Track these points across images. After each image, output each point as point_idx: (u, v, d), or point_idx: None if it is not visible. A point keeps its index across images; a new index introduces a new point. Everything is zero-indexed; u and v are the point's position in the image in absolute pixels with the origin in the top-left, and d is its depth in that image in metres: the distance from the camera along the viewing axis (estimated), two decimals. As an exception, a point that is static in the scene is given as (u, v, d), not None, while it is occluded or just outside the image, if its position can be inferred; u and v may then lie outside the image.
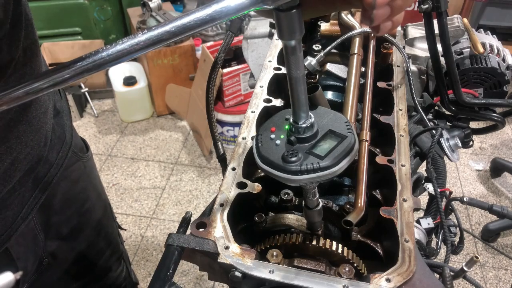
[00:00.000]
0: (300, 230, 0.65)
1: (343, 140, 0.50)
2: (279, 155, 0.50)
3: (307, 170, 0.48)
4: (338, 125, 0.52)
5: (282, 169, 0.49)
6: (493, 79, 1.15)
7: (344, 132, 0.51)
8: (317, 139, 0.51)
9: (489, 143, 2.87)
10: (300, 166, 0.48)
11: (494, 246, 2.23)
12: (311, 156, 0.49)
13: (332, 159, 0.49)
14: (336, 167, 0.49)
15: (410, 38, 1.20)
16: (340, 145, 0.50)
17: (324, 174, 0.48)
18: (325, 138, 0.51)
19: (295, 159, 0.49)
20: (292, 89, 0.48)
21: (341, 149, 0.49)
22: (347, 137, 0.51)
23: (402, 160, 0.72)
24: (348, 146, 0.50)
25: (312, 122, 0.51)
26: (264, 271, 0.57)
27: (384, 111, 0.85)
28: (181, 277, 2.04)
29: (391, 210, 0.64)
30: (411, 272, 0.56)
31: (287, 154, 0.49)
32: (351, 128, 0.52)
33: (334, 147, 0.50)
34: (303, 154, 0.49)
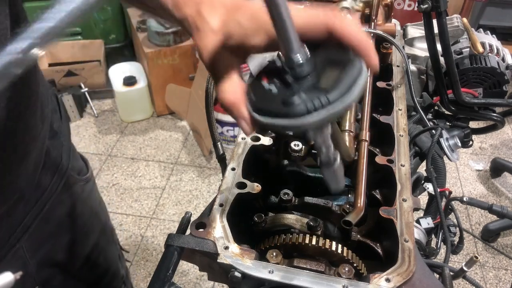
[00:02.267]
0: (300, 230, 0.65)
1: (347, 65, 0.43)
2: (279, 101, 0.43)
3: (315, 107, 0.41)
4: (337, 52, 0.45)
5: (284, 114, 0.42)
6: (492, 78, 1.15)
7: (346, 57, 0.44)
8: (317, 72, 0.44)
9: (489, 143, 2.87)
10: (305, 105, 0.41)
11: (494, 246, 2.23)
12: (316, 92, 0.42)
13: (340, 89, 0.41)
14: (348, 97, 0.41)
15: (409, 37, 1.20)
16: (346, 72, 0.42)
17: (336, 109, 0.41)
18: (326, 69, 0.44)
19: (298, 99, 0.42)
20: (273, 15, 0.40)
21: (349, 76, 0.42)
22: (352, 60, 0.43)
23: (401, 160, 0.72)
24: (356, 71, 0.43)
25: (307, 53, 0.43)
26: (263, 271, 0.57)
27: (383, 111, 0.85)
28: (181, 277, 2.04)
29: (391, 210, 0.64)
30: (410, 272, 0.56)
31: (287, 96, 0.42)
32: (352, 54, 0.44)
33: (340, 76, 0.42)
34: (305, 92, 0.42)
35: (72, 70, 2.90)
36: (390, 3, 1.03)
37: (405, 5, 2.76)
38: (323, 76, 0.43)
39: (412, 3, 2.72)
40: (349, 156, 0.70)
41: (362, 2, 0.97)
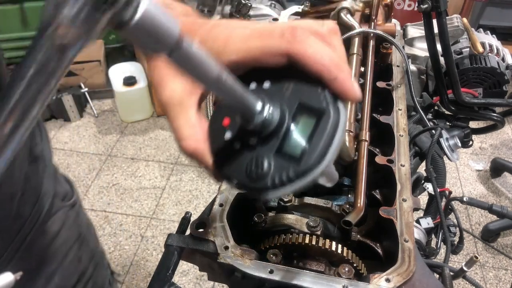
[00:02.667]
0: (299, 230, 0.65)
1: (320, 118, 0.36)
2: (242, 168, 0.38)
3: (282, 182, 0.36)
4: (307, 95, 0.38)
5: (250, 187, 0.38)
6: (492, 78, 1.15)
7: (318, 104, 0.37)
8: (284, 128, 0.37)
9: (489, 143, 2.87)
10: (272, 180, 0.36)
11: (494, 246, 2.22)
12: (283, 159, 0.37)
13: (312, 155, 0.36)
14: (320, 166, 0.36)
15: (409, 37, 1.20)
16: (319, 128, 0.36)
17: (305, 181, 0.36)
18: (296, 122, 0.37)
19: (263, 171, 0.37)
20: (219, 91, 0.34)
21: (322, 134, 0.36)
22: (325, 111, 0.36)
23: (401, 160, 0.72)
24: (330, 126, 0.36)
25: (270, 110, 0.37)
26: (263, 271, 0.57)
27: (383, 111, 0.85)
28: (181, 277, 2.04)
29: (391, 210, 0.64)
30: (410, 272, 0.56)
31: (251, 168, 0.38)
32: (326, 96, 0.37)
33: (311, 133, 0.36)
34: (271, 159, 0.37)
35: (72, 70, 2.90)
36: (390, 3, 1.03)
37: (405, 5, 2.76)
38: (291, 134, 0.37)
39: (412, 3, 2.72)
40: (349, 156, 0.70)
41: (362, 2, 0.97)
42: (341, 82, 0.37)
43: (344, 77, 0.37)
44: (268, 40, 0.38)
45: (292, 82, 0.39)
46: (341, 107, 0.37)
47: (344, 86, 0.37)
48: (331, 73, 0.36)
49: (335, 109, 0.37)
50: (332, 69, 0.36)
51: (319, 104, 0.37)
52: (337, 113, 0.37)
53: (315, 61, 0.36)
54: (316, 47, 0.37)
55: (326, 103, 0.37)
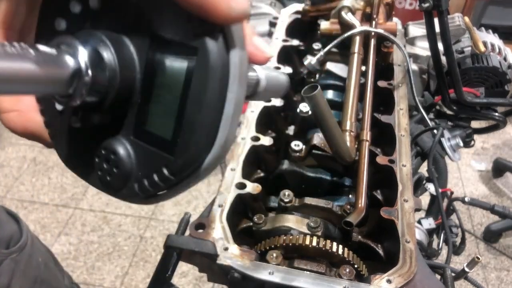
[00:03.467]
0: (300, 231, 0.64)
1: (193, 61, 0.21)
2: (91, 164, 0.26)
3: (155, 185, 0.23)
4: (163, 22, 0.22)
5: (112, 193, 0.27)
6: (494, 78, 1.14)
7: (185, 37, 0.22)
8: (137, 86, 0.23)
9: (491, 143, 2.86)
10: (139, 184, 0.24)
11: (496, 247, 2.22)
12: (149, 144, 0.24)
13: (194, 133, 0.22)
14: (213, 152, 0.22)
15: (411, 37, 1.20)
16: (195, 82, 0.21)
17: (196, 178, 0.23)
18: (153, 74, 0.23)
19: (120, 169, 0.24)
20: None
21: (202, 92, 0.21)
22: (197, 49, 0.21)
23: (403, 160, 0.71)
24: (214, 73, 0.21)
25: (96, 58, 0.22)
26: (263, 273, 0.56)
27: (385, 110, 0.84)
28: (180, 278, 2.03)
29: (392, 211, 0.63)
30: (412, 273, 0.56)
31: (101, 164, 0.25)
32: (195, 22, 0.21)
33: (183, 93, 0.22)
34: (129, 146, 0.24)
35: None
36: (391, 1, 1.03)
37: (407, 3, 2.75)
38: (150, 98, 0.23)
39: (413, 1, 2.72)
40: (350, 156, 0.69)
41: (363, 0, 0.97)
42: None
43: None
44: None
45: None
46: (232, 39, 0.22)
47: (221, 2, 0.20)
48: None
49: (216, 42, 0.21)
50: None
51: (184, 36, 0.22)
52: (221, 49, 0.21)
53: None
54: None
55: (196, 33, 0.21)
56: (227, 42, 0.21)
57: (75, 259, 2.05)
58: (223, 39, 0.21)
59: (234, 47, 0.22)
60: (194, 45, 0.21)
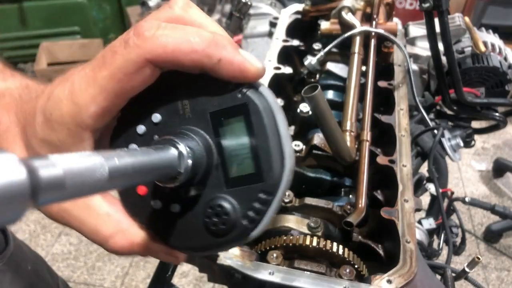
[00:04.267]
0: (300, 231, 0.64)
1: (247, 113, 0.30)
2: (200, 230, 0.31)
3: (260, 211, 0.29)
4: (212, 100, 0.30)
5: (226, 244, 0.31)
6: (495, 78, 1.14)
7: (231, 101, 0.30)
8: (215, 153, 0.31)
9: (492, 143, 2.86)
10: (246, 217, 0.30)
11: (496, 247, 2.21)
12: (241, 185, 0.30)
13: (268, 156, 0.29)
14: (287, 162, 0.29)
15: (411, 37, 1.20)
16: (254, 125, 0.29)
17: (284, 187, 0.29)
18: (223, 136, 0.30)
19: (229, 216, 0.30)
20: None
21: (262, 128, 0.29)
22: (245, 103, 0.30)
23: (403, 160, 0.71)
24: (265, 114, 0.29)
25: (187, 149, 0.29)
26: (264, 273, 0.56)
27: (385, 110, 0.84)
28: (180, 279, 2.03)
29: (392, 211, 0.63)
30: (412, 274, 0.56)
31: (211, 221, 0.30)
32: (231, 87, 0.30)
33: (249, 136, 0.30)
34: (228, 196, 0.30)
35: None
36: (392, 2, 1.03)
37: (407, 3, 2.75)
38: (228, 155, 0.30)
39: (414, 1, 2.72)
40: (350, 156, 0.69)
41: (363, 0, 0.97)
42: (230, 61, 0.28)
43: (229, 54, 0.28)
44: (114, 61, 0.28)
45: (183, 96, 0.31)
46: (260, 88, 0.30)
47: (236, 64, 0.28)
48: (211, 57, 0.28)
49: (255, 94, 0.29)
50: (210, 51, 0.28)
51: (232, 100, 0.30)
52: (260, 96, 0.30)
53: (184, 52, 0.28)
54: (175, 34, 0.28)
55: (239, 93, 0.29)
56: (259, 91, 0.30)
57: (76, 259, 2.05)
58: (259, 92, 0.30)
59: (266, 92, 0.30)
60: (242, 102, 0.30)
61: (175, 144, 0.28)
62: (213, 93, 0.30)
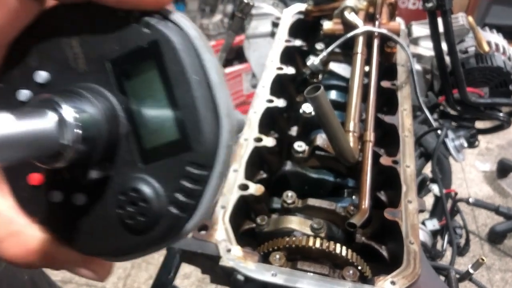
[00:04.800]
0: (303, 232, 0.64)
1: (159, 57, 0.22)
2: (115, 226, 0.23)
3: (195, 193, 0.22)
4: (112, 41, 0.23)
5: (154, 241, 0.23)
6: (498, 78, 1.13)
7: (136, 40, 0.22)
8: (121, 116, 0.23)
9: (496, 143, 2.85)
10: (176, 203, 0.22)
11: (501, 248, 2.20)
12: (163, 159, 0.22)
13: (198, 117, 0.21)
14: (225, 121, 0.22)
15: (414, 36, 1.19)
16: (171, 73, 0.22)
17: (224, 158, 0.22)
18: (130, 94, 0.23)
19: (150, 204, 0.22)
20: None
21: (183, 78, 0.21)
22: (156, 42, 0.22)
23: (407, 161, 0.71)
24: (186, 56, 0.21)
25: (78, 113, 0.21)
26: (266, 274, 0.56)
27: (388, 111, 0.84)
28: (182, 280, 2.03)
29: (396, 212, 0.63)
30: (416, 275, 0.55)
31: (127, 214, 0.22)
32: (135, 21, 0.22)
33: (166, 89, 0.22)
34: (145, 176, 0.22)
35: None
36: (395, 1, 1.02)
37: (410, 3, 2.74)
38: (141, 118, 0.22)
39: (417, 1, 2.71)
40: (353, 157, 0.69)
41: (366, 0, 0.96)
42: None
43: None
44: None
45: (72, 40, 0.23)
46: (173, 16, 0.22)
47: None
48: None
49: (168, 25, 0.22)
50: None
51: (136, 38, 0.22)
52: (175, 28, 0.22)
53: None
54: None
55: (145, 27, 0.22)
56: (173, 20, 0.22)
57: (79, 260, 2.06)
58: (170, 21, 0.22)
59: (183, 21, 0.22)
60: (150, 39, 0.22)
61: (55, 105, 0.20)
62: (110, 31, 0.22)
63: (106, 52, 0.23)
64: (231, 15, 1.15)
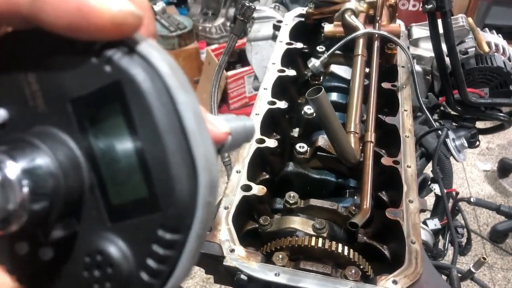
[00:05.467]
0: (305, 232, 0.65)
1: (124, 100, 0.18)
2: (81, 284, 0.21)
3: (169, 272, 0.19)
4: (72, 80, 0.20)
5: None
6: (499, 78, 1.14)
7: (99, 80, 0.19)
8: (86, 168, 0.20)
9: (496, 143, 2.85)
10: (146, 278, 0.19)
11: (502, 247, 2.20)
12: (131, 219, 0.19)
13: (170, 169, 0.18)
14: (204, 173, 0.19)
15: (414, 38, 1.20)
16: (138, 115, 0.18)
17: (203, 217, 0.19)
18: (96, 140, 0.20)
19: (117, 268, 0.19)
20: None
21: (150, 121, 0.18)
22: (119, 82, 0.18)
23: (407, 161, 0.71)
24: (152, 96, 0.18)
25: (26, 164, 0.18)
26: (269, 274, 0.56)
27: (389, 112, 0.84)
28: (187, 280, 2.04)
29: (397, 212, 0.64)
30: (417, 274, 0.56)
31: (92, 278, 0.20)
32: (97, 56, 0.19)
33: (131, 135, 0.19)
34: (111, 236, 0.20)
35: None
36: (395, 3, 1.03)
37: (410, 5, 2.75)
38: (105, 170, 0.20)
39: (417, 3, 2.71)
40: (355, 157, 0.70)
41: (366, 3, 0.97)
42: (86, 10, 0.17)
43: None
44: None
45: (29, 75, 0.20)
46: (141, 47, 0.18)
47: (91, 13, 0.17)
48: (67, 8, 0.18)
49: (133, 60, 0.18)
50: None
51: (97, 77, 0.18)
52: (143, 63, 0.18)
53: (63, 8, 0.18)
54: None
55: (106, 63, 0.18)
56: (142, 56, 0.18)
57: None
58: (136, 54, 0.18)
59: (154, 57, 0.18)
60: (112, 80, 0.18)
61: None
62: (68, 67, 0.19)
63: (66, 91, 0.19)
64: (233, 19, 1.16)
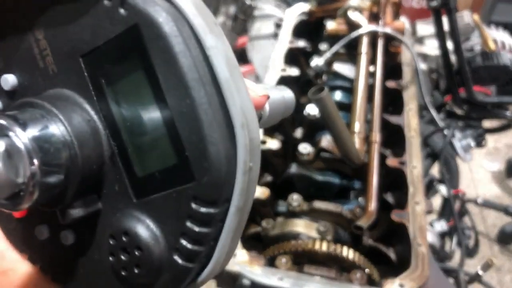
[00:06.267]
0: (309, 235, 0.63)
1: (144, 56, 0.16)
2: (105, 269, 0.18)
3: (208, 252, 0.17)
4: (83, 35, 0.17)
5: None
6: (505, 76, 1.12)
7: (114, 29, 0.16)
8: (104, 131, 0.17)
9: (504, 142, 2.82)
10: (178, 252, 0.16)
11: (510, 248, 2.18)
12: (159, 199, 0.17)
13: (200, 132, 0.15)
14: (242, 138, 0.16)
15: (419, 35, 1.18)
16: (163, 73, 0.15)
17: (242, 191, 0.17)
18: (116, 101, 0.17)
19: (145, 251, 0.17)
20: None
21: (176, 78, 0.15)
22: (137, 28, 0.15)
23: (413, 161, 0.70)
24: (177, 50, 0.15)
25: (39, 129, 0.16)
26: (273, 278, 0.55)
27: (394, 111, 0.83)
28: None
29: (403, 214, 0.62)
30: (424, 277, 0.55)
31: (120, 263, 0.17)
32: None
33: (160, 105, 0.16)
34: (138, 214, 0.17)
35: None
36: (398, 0, 1.02)
37: (414, 2, 2.73)
38: (130, 135, 0.17)
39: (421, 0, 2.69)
40: (359, 158, 0.68)
41: (369, 0, 0.96)
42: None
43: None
44: None
45: (37, 32, 0.18)
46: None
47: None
48: None
49: (152, 4, 0.15)
50: None
51: (112, 23, 0.16)
52: (165, 8, 0.15)
53: None
54: None
55: (121, 6, 0.16)
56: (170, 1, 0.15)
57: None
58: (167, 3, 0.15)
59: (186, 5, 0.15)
60: (129, 25, 0.15)
61: (4, 130, 0.15)
62: (79, 14, 0.16)
63: (77, 45, 0.17)
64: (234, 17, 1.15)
